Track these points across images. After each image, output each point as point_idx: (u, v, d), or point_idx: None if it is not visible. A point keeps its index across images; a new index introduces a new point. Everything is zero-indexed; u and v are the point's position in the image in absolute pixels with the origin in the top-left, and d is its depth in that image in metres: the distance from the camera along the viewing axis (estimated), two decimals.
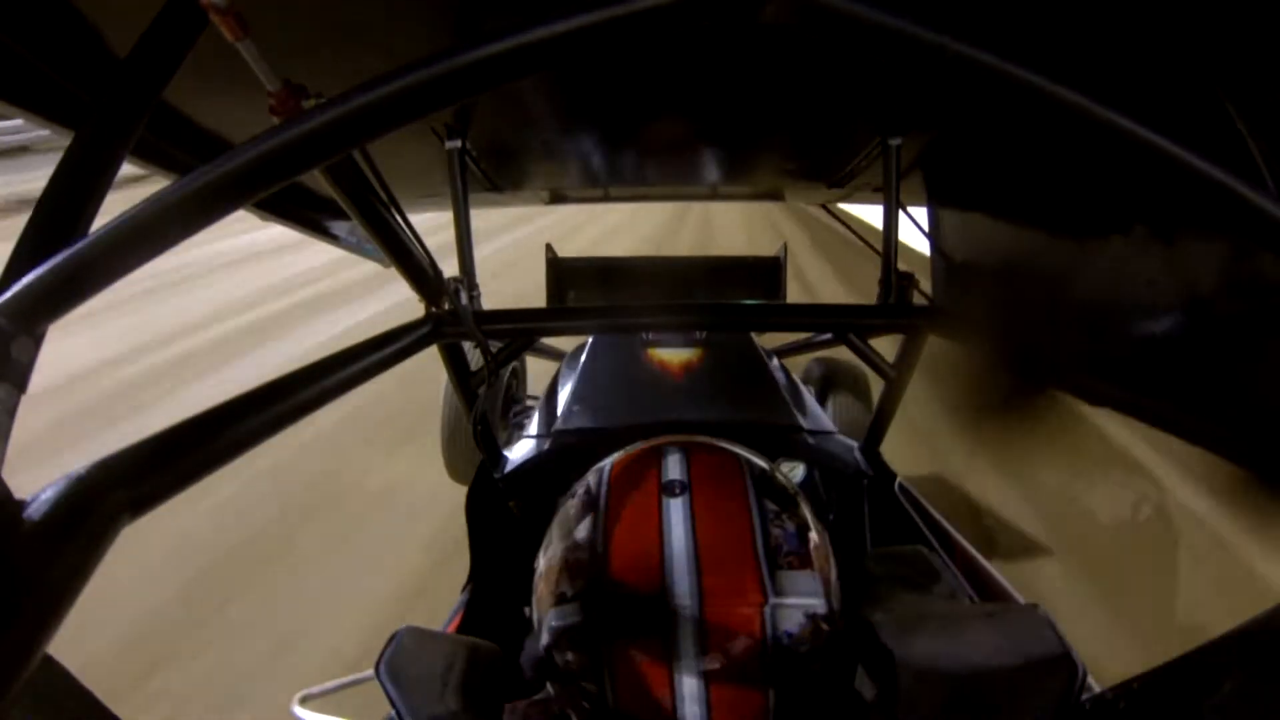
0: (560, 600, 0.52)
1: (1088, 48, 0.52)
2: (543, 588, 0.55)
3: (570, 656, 0.51)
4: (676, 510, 0.53)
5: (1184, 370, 0.64)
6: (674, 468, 0.57)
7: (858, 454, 1.24)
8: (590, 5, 0.34)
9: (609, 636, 0.50)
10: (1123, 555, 2.10)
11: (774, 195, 1.79)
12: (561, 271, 1.99)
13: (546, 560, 0.56)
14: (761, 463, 0.60)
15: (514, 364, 2.23)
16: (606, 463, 0.61)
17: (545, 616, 0.53)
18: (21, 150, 10.80)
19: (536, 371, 2.37)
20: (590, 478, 0.60)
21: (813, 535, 0.55)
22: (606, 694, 0.50)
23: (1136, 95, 0.36)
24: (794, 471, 1.38)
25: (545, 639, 0.53)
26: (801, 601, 0.50)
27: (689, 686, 0.48)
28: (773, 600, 0.49)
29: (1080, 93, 0.34)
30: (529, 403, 2.30)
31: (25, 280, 0.36)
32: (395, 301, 4.31)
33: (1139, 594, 1.93)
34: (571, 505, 0.58)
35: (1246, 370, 0.58)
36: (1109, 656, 1.53)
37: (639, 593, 0.50)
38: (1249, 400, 0.58)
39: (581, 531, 0.54)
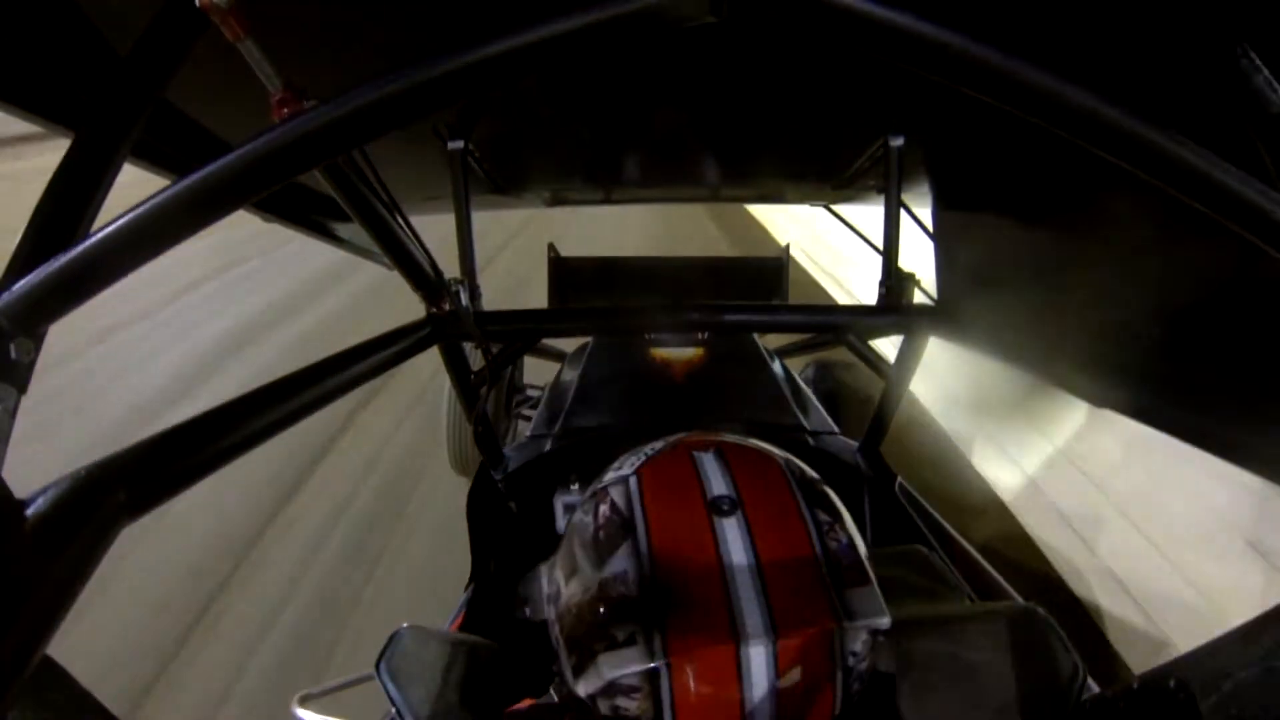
0: (612, 644, 0.46)
1: (1091, 45, 0.52)
2: (574, 621, 0.49)
3: (630, 705, 0.46)
4: (732, 532, 0.48)
5: (1185, 370, 0.64)
6: (715, 480, 0.51)
7: (858, 454, 1.24)
8: (590, 5, 0.34)
9: (674, 685, 0.45)
10: None
11: (775, 196, 1.79)
12: (563, 271, 1.99)
13: (578, 589, 0.50)
14: (800, 465, 0.56)
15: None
16: (628, 472, 0.54)
17: (595, 660, 0.47)
18: None
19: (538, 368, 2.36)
20: (614, 491, 0.53)
21: (860, 544, 0.52)
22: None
23: (1140, 95, 0.36)
24: None
25: (595, 685, 0.47)
26: (869, 621, 0.47)
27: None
28: (845, 623, 0.46)
29: (1084, 91, 0.34)
30: (531, 392, 2.31)
31: (25, 281, 0.36)
32: None
33: None
34: (597, 523, 0.51)
35: (1248, 371, 0.58)
36: None
37: (707, 632, 0.45)
38: (1250, 401, 0.58)
39: (620, 561, 0.48)
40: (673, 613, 0.45)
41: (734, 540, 0.48)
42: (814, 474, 0.56)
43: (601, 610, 0.47)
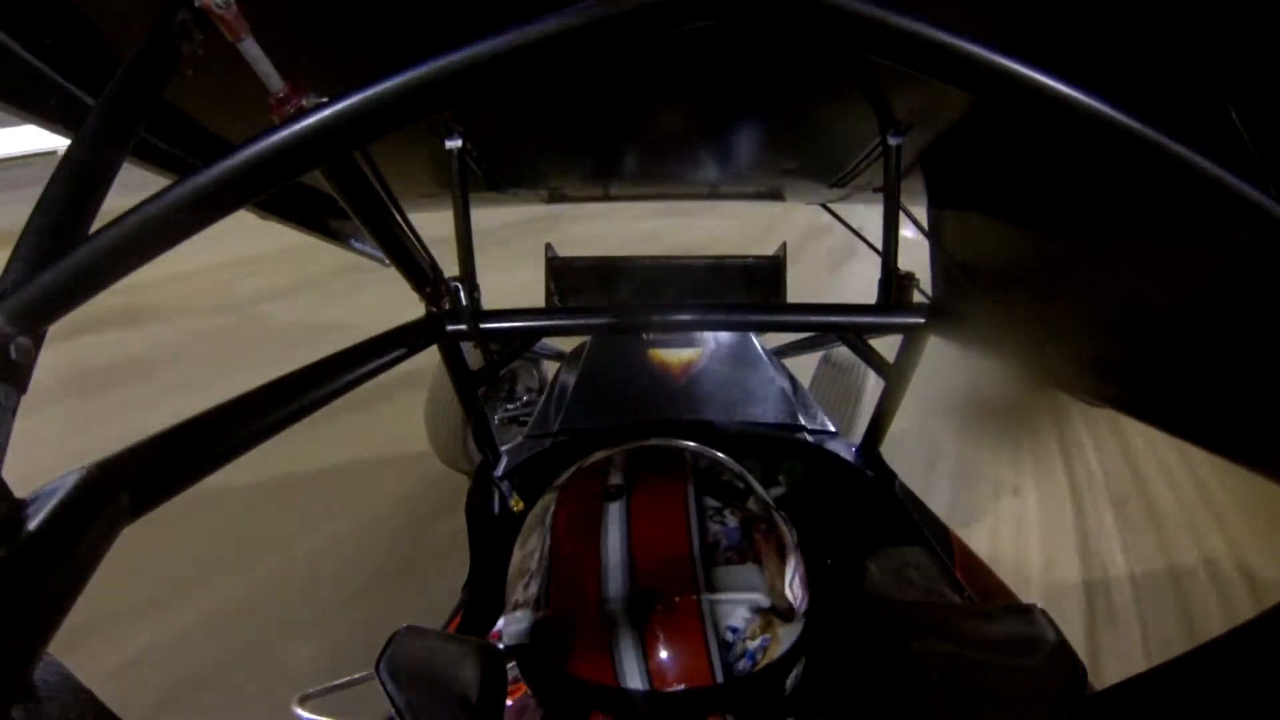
0: (515, 606, 0.54)
1: (1089, 48, 0.52)
2: (507, 594, 0.57)
3: (523, 660, 0.53)
4: (613, 513, 0.54)
5: (1184, 370, 0.64)
6: (616, 472, 0.59)
7: (857, 454, 1.24)
8: (591, 4, 0.34)
9: (556, 640, 0.51)
10: None
11: (774, 195, 1.79)
12: (561, 271, 1.99)
13: (510, 568, 0.59)
14: (712, 458, 0.61)
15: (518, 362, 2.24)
16: (569, 470, 0.63)
17: (507, 620, 0.56)
18: None
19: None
20: (549, 490, 0.62)
21: (759, 529, 0.55)
22: (559, 695, 0.52)
23: (1138, 97, 0.36)
24: (794, 471, 1.38)
25: (508, 641, 0.56)
26: (740, 596, 0.50)
27: (635, 683, 0.49)
28: (707, 596, 0.49)
29: (1083, 93, 0.34)
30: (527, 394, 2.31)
31: (26, 282, 0.36)
32: None
33: None
34: (531, 514, 0.60)
35: (1246, 370, 0.58)
36: None
37: (580, 596, 0.51)
38: (1249, 400, 0.58)
39: (534, 539, 0.56)
40: (556, 583, 0.53)
41: (614, 520, 0.54)
42: (724, 465, 0.61)
43: (514, 581, 0.56)
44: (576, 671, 0.50)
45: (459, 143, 0.96)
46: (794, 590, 0.54)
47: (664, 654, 0.49)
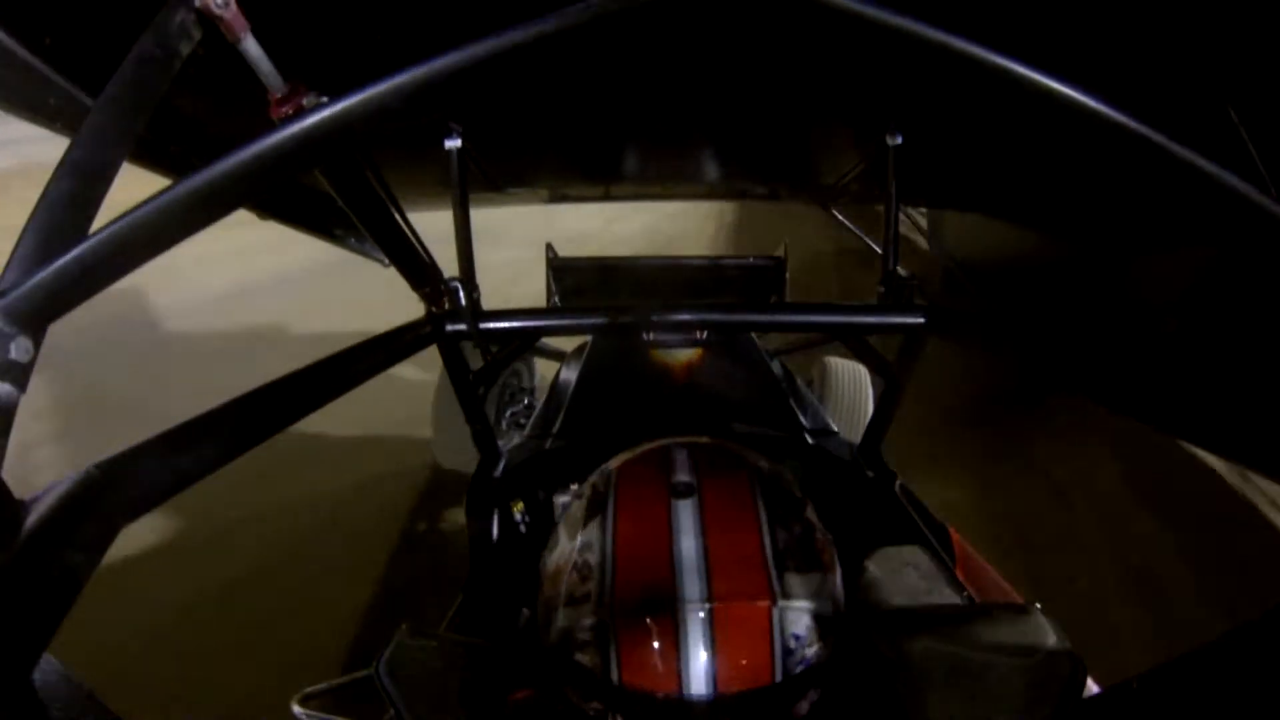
0: (570, 601, 0.52)
1: (1090, 49, 0.52)
2: (549, 588, 0.55)
3: (581, 656, 0.51)
4: (685, 512, 0.53)
5: (1184, 369, 0.64)
6: (681, 468, 0.57)
7: (858, 454, 1.24)
8: (588, 3, 0.34)
9: (619, 638, 0.50)
10: None
11: (774, 195, 1.79)
12: (562, 272, 1.99)
13: (554, 561, 0.56)
14: (769, 464, 0.60)
15: (517, 364, 2.24)
16: (613, 462, 0.61)
17: (555, 617, 0.53)
18: None
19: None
20: (596, 478, 0.60)
21: (819, 538, 0.55)
22: (617, 694, 0.50)
23: (1138, 98, 0.36)
24: (793, 472, 1.39)
25: (556, 638, 0.53)
26: (809, 605, 0.50)
27: (699, 687, 0.48)
28: (780, 603, 0.49)
29: (1083, 93, 0.34)
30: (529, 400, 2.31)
31: (26, 281, 0.36)
32: None
33: None
34: (578, 506, 0.58)
35: (1247, 369, 0.58)
36: None
37: (649, 595, 0.50)
38: (1250, 399, 0.58)
39: (590, 533, 0.54)
40: (624, 579, 0.51)
41: (686, 519, 0.53)
42: (787, 474, 0.60)
43: (569, 574, 0.53)
44: (640, 670, 0.49)
45: (459, 143, 0.96)
46: (840, 599, 0.54)
47: (732, 658, 0.48)
